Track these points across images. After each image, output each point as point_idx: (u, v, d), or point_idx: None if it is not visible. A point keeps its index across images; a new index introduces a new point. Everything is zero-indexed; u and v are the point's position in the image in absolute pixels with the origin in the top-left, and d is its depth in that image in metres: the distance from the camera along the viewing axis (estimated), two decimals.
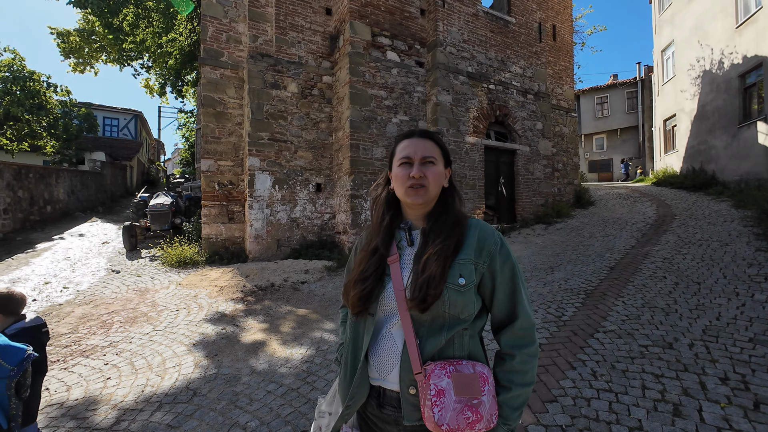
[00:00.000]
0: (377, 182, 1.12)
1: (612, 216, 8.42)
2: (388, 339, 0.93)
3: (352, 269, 1.07)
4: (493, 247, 0.94)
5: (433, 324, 0.90)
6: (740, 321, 3.19)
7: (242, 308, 4.61)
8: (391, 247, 1.00)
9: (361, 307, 0.94)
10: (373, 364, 0.94)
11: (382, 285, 0.95)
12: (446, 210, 1.00)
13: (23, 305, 1.74)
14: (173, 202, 8.70)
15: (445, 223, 0.96)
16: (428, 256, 0.89)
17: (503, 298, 0.94)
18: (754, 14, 8.72)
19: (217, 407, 2.55)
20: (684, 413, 2.18)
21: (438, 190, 0.99)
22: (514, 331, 0.93)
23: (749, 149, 8.94)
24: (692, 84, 11.33)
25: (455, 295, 0.88)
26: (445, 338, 0.88)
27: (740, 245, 5.15)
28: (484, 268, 0.93)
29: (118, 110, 21.63)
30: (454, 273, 0.89)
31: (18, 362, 1.36)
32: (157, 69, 16.40)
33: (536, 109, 9.09)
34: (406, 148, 0.99)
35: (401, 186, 0.97)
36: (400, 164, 0.99)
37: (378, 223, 1.04)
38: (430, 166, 0.97)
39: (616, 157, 20.82)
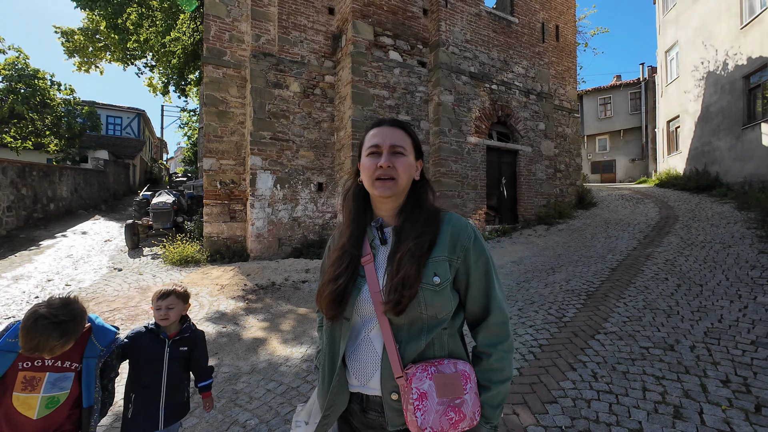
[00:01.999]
0: (347, 175, 1.08)
1: (614, 217, 8.38)
2: (366, 344, 0.89)
3: (325, 270, 1.01)
4: (467, 241, 0.91)
5: (412, 327, 0.86)
6: (742, 323, 3.17)
7: (243, 307, 4.62)
8: (364, 245, 0.95)
9: (335, 311, 0.90)
10: (353, 371, 0.90)
11: (357, 287, 0.90)
12: (418, 205, 0.95)
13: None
14: (175, 200, 8.74)
15: (418, 220, 0.92)
16: (401, 256, 0.86)
17: (477, 293, 0.91)
18: (759, 15, 8.67)
19: (217, 405, 2.55)
20: (685, 415, 2.17)
21: (408, 183, 0.94)
22: (488, 327, 0.91)
23: (753, 151, 8.88)
24: (696, 85, 11.26)
25: (431, 295, 0.85)
26: (425, 341, 0.85)
27: (743, 247, 5.12)
28: (459, 263, 0.89)
29: (122, 109, 21.73)
30: (428, 272, 0.86)
31: (107, 344, 1.41)
32: (160, 68, 16.47)
33: (539, 110, 9.06)
34: (375, 136, 0.94)
35: (369, 177, 0.92)
36: (368, 154, 0.93)
37: (348, 220, 0.99)
38: (400, 157, 0.91)
39: (619, 158, 20.74)
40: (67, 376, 1.30)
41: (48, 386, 1.27)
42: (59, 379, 1.29)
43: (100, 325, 1.42)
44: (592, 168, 21.29)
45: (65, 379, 1.30)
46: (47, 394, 1.27)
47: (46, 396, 1.27)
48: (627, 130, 20.26)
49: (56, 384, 1.28)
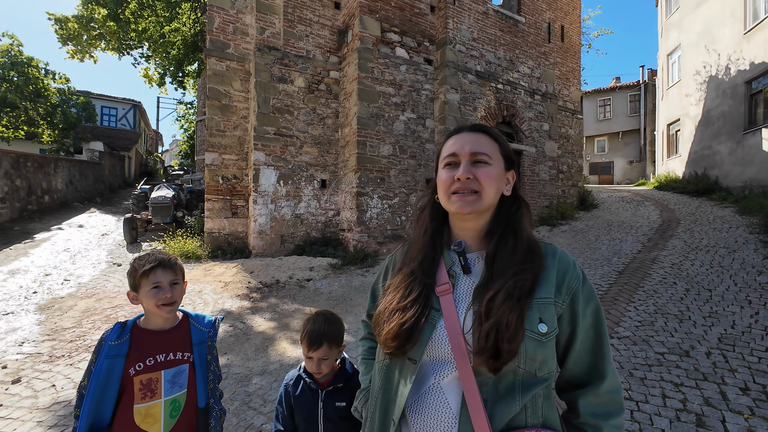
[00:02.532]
0: (424, 191, 0.96)
1: (616, 219, 8.42)
2: (436, 395, 0.72)
3: (383, 293, 0.87)
4: (575, 283, 0.75)
5: (501, 383, 0.69)
6: (755, 330, 3.18)
7: (248, 305, 4.55)
8: (440, 272, 0.80)
9: (398, 346, 0.75)
10: (416, 427, 0.73)
11: (430, 322, 0.75)
12: (513, 230, 0.79)
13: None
14: (175, 194, 8.61)
15: (516, 249, 0.75)
16: (495, 294, 0.70)
17: (583, 349, 0.75)
18: (763, 20, 8.71)
19: (230, 408, 2.50)
20: (708, 424, 2.16)
21: (495, 199, 0.79)
22: (598, 394, 0.74)
23: (754, 156, 8.96)
24: (698, 89, 11.32)
25: (534, 346, 0.69)
26: (519, 404, 0.68)
27: (748, 252, 5.15)
28: (563, 308, 0.74)
29: (117, 100, 21.36)
30: (532, 317, 0.70)
31: (210, 324, 1.28)
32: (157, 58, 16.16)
33: (543, 110, 9.05)
34: (452, 145, 0.80)
35: (445, 191, 0.79)
36: (444, 165, 0.81)
37: (421, 240, 0.85)
38: (483, 167, 0.77)
39: (617, 159, 20.88)
40: (182, 370, 1.17)
41: (167, 386, 1.14)
42: (176, 375, 1.16)
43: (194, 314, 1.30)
44: (591, 169, 21.41)
45: (181, 373, 1.17)
46: (168, 397, 1.14)
47: (168, 400, 1.13)
48: (626, 132, 20.39)
49: (174, 382, 1.15)
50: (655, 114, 16.76)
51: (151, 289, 1.14)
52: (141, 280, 1.14)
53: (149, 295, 1.14)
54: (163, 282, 1.15)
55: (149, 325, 1.19)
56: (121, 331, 1.13)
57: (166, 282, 1.16)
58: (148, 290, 1.14)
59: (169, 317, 1.20)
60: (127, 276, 1.19)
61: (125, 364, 1.09)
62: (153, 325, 1.19)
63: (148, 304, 1.15)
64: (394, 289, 0.82)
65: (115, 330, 1.13)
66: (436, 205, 0.87)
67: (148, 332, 1.17)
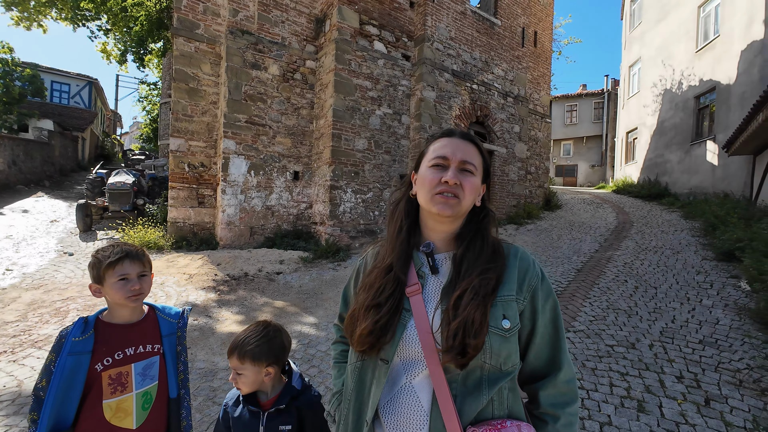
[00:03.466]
0: (398, 185, 0.93)
1: (577, 220, 8.91)
2: (408, 394, 0.75)
3: (355, 294, 0.87)
4: (535, 280, 0.80)
5: (469, 379, 0.73)
6: (691, 324, 3.51)
7: (215, 298, 4.42)
8: (409, 272, 0.81)
9: (371, 344, 0.76)
10: (389, 426, 0.75)
11: (401, 323, 0.77)
12: (480, 235, 0.83)
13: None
14: (135, 180, 8.12)
15: (482, 251, 0.80)
16: (462, 293, 0.73)
17: (543, 342, 0.80)
18: (712, 41, 9.46)
19: (194, 404, 2.43)
20: (647, 409, 2.37)
21: (470, 206, 0.82)
22: (556, 384, 0.78)
23: (699, 165, 9.78)
24: (654, 100, 12.15)
25: (499, 341, 0.72)
26: (486, 398, 0.72)
27: (689, 254, 5.65)
28: (524, 305, 0.78)
29: (71, 75, 19.68)
30: (496, 313, 0.74)
31: (178, 314, 1.26)
32: (116, 33, 15.01)
33: (515, 113, 9.35)
34: (444, 147, 0.82)
35: (428, 191, 0.80)
36: (432, 165, 0.81)
37: (394, 237, 0.86)
38: (468, 176, 0.80)
39: (581, 163, 22.02)
40: (153, 362, 1.15)
41: (138, 379, 1.12)
42: (146, 367, 1.14)
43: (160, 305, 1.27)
44: (557, 171, 22.44)
45: (152, 365, 1.15)
46: (140, 389, 1.12)
47: (140, 392, 1.11)
48: (589, 137, 21.52)
49: (145, 374, 1.13)
50: (616, 121, 17.81)
51: (118, 281, 1.09)
52: (106, 271, 1.09)
53: (116, 288, 1.09)
54: (131, 274, 1.11)
55: (114, 319, 1.14)
56: (84, 326, 1.08)
57: (134, 274, 1.12)
58: (114, 282, 1.09)
59: (136, 310, 1.17)
60: (90, 268, 1.13)
61: (91, 360, 1.05)
62: (119, 318, 1.14)
63: (115, 296, 1.10)
64: (368, 288, 0.83)
65: (77, 326, 1.07)
66: (410, 201, 0.89)
67: (114, 326, 1.13)
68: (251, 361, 1.13)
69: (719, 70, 9.10)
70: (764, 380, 2.60)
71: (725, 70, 8.85)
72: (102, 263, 1.10)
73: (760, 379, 2.61)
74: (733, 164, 8.41)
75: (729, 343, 3.13)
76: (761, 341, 3.10)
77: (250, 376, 1.14)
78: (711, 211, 7.12)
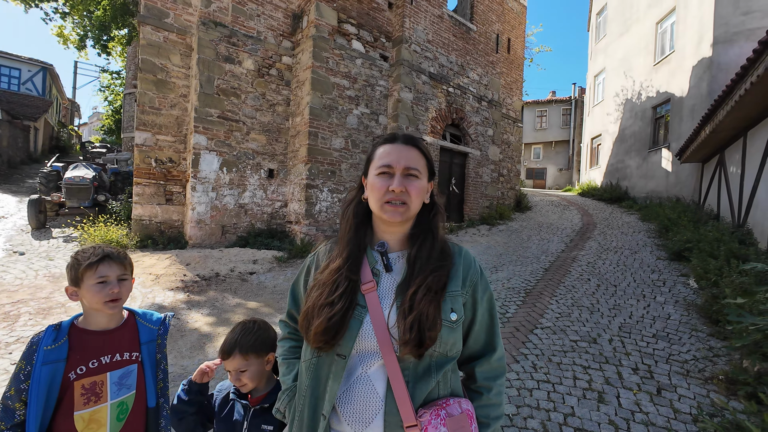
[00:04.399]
0: (351, 189, 0.98)
1: (546, 221, 9.31)
2: (363, 383, 0.79)
3: (308, 290, 0.90)
4: (475, 276, 0.89)
5: (420, 365, 0.79)
6: (646, 319, 3.77)
7: (183, 299, 4.25)
8: (363, 270, 0.86)
9: (327, 341, 0.79)
10: (344, 415, 0.78)
11: (356, 318, 0.81)
12: (431, 234, 0.89)
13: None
14: (96, 175, 7.65)
15: (433, 250, 0.86)
16: (416, 289, 0.79)
17: (481, 330, 0.90)
18: (668, 56, 10.18)
19: None
20: (606, 400, 2.53)
21: (418, 208, 0.88)
22: (490, 362, 0.89)
23: (655, 171, 10.49)
24: (616, 109, 12.90)
25: (447, 332, 0.80)
26: (435, 381, 0.79)
27: (645, 254, 6.06)
28: (467, 298, 0.87)
29: (22, 59, 18.18)
30: (445, 307, 0.82)
31: (159, 321, 1.20)
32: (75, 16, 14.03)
33: (489, 116, 9.63)
34: (388, 155, 0.86)
35: (378, 199, 0.84)
36: (378, 173, 0.85)
37: (347, 237, 0.90)
38: (413, 180, 0.85)
39: (550, 166, 23.00)
40: (130, 370, 1.10)
41: (114, 389, 1.06)
42: (123, 376, 1.08)
43: (141, 311, 1.21)
44: (527, 174, 23.31)
45: (129, 374, 1.09)
46: (115, 399, 1.06)
47: (114, 403, 1.06)
48: (558, 142, 22.51)
49: (122, 383, 1.07)
50: (582, 128, 18.73)
51: (96, 283, 1.04)
52: (85, 273, 1.04)
53: (93, 291, 1.04)
54: (110, 276, 1.06)
55: (90, 325, 1.08)
56: (56, 334, 1.02)
57: (114, 276, 1.07)
58: (92, 285, 1.04)
59: (114, 315, 1.11)
60: (68, 269, 1.07)
61: (65, 369, 1.00)
62: (95, 324, 1.08)
63: (92, 300, 1.05)
64: (321, 286, 0.86)
65: (48, 334, 1.01)
66: (361, 203, 0.93)
67: (89, 333, 1.07)
68: (255, 354, 1.16)
69: (673, 83, 9.80)
70: (708, 370, 2.85)
71: (679, 84, 9.55)
72: (81, 264, 1.05)
73: (705, 369, 2.86)
74: (684, 171, 9.09)
75: (678, 336, 3.40)
76: (706, 334, 3.39)
77: (255, 370, 1.16)
78: (664, 214, 7.66)
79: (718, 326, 3.44)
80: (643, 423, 2.29)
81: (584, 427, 2.26)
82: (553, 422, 2.31)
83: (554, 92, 24.56)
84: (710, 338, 3.33)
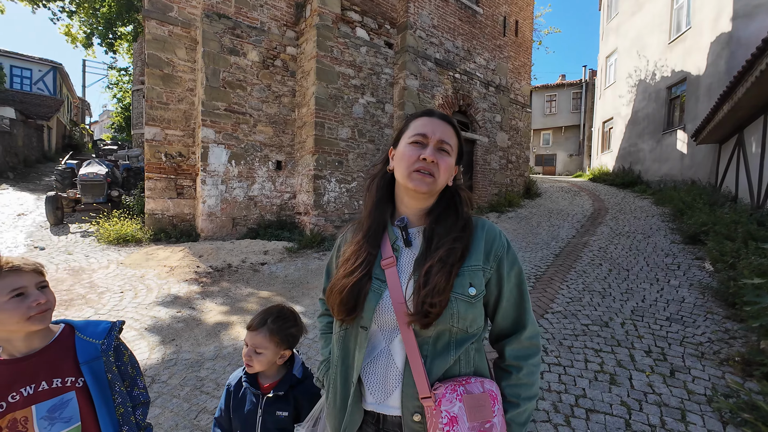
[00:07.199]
0: (376, 161, 0.98)
1: (556, 207, 9.19)
2: (385, 357, 0.83)
3: (336, 269, 0.92)
4: (501, 250, 0.86)
5: (439, 341, 0.80)
6: (660, 303, 3.73)
7: (198, 290, 4.35)
8: (384, 246, 0.87)
9: (347, 312, 0.83)
10: (368, 386, 0.83)
11: (375, 292, 0.83)
12: (451, 210, 0.89)
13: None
14: (109, 171, 7.79)
15: (451, 224, 0.86)
16: (432, 264, 0.80)
17: (509, 306, 0.87)
18: (684, 33, 9.79)
19: (181, 393, 2.42)
20: (618, 381, 2.53)
21: (443, 185, 0.87)
22: (520, 341, 0.86)
23: (669, 154, 10.22)
24: (629, 91, 12.53)
25: (465, 307, 0.79)
26: (453, 358, 0.79)
27: (659, 238, 5.95)
28: (491, 273, 0.84)
29: (33, 60, 18.46)
30: (463, 282, 0.80)
31: (104, 332, 1.01)
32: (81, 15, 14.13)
33: (496, 102, 9.46)
34: (424, 126, 0.86)
35: (406, 167, 0.83)
36: (411, 142, 0.85)
37: (370, 212, 0.92)
38: (445, 156, 0.85)
39: (560, 152, 22.58)
40: (65, 400, 0.90)
41: (43, 425, 0.87)
42: (55, 408, 0.89)
43: (82, 322, 1.03)
44: (536, 160, 22.94)
45: (64, 405, 0.90)
46: None
47: None
48: (568, 127, 22.03)
49: (54, 417, 0.89)
50: (593, 111, 18.28)
51: (11, 299, 0.84)
52: None
53: (9, 308, 0.84)
54: (28, 286, 0.87)
55: (5, 352, 0.89)
56: None
57: (32, 285, 0.88)
58: (4, 302, 0.84)
59: (36, 335, 0.91)
60: None
61: None
62: (13, 349, 0.89)
63: (9, 321, 0.85)
64: (344, 262, 0.89)
65: None
66: (386, 176, 0.94)
67: (8, 362, 0.88)
68: (277, 344, 1.17)
69: (690, 62, 9.45)
70: (723, 351, 2.81)
71: (695, 62, 9.21)
72: None
73: (720, 351, 2.83)
74: (700, 153, 8.83)
75: (693, 319, 3.36)
76: (721, 317, 3.34)
77: (269, 357, 1.17)
78: (679, 197, 7.48)
79: (735, 309, 3.38)
80: (656, 404, 2.28)
81: (596, 408, 2.27)
82: (565, 404, 2.32)
83: (564, 76, 23.95)
84: (726, 320, 3.27)
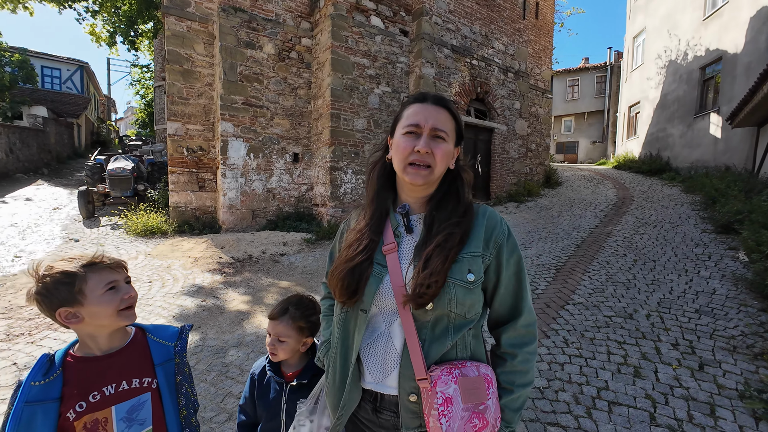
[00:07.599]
0: (376, 149, 0.97)
1: (578, 196, 8.92)
2: (385, 339, 0.84)
3: (339, 253, 0.93)
4: (501, 237, 0.86)
5: (437, 326, 0.81)
6: (688, 294, 3.58)
7: (221, 280, 4.50)
8: (386, 232, 0.88)
9: (349, 295, 0.84)
10: (368, 366, 0.85)
11: (376, 276, 0.84)
12: (454, 196, 0.89)
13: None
14: (135, 166, 8.10)
15: (451, 210, 0.86)
16: (431, 250, 0.80)
17: (506, 293, 0.87)
18: (720, 8, 9.15)
19: (208, 378, 2.53)
20: (643, 374, 2.46)
21: (443, 173, 0.87)
22: (516, 328, 0.86)
23: (701, 139, 9.68)
24: (658, 73, 11.88)
25: (463, 293, 0.79)
26: (450, 342, 0.81)
27: (689, 227, 5.69)
28: (490, 259, 0.85)
29: (61, 59, 19.21)
30: (462, 268, 0.80)
31: (175, 335, 1.02)
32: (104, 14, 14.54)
33: (515, 89, 9.18)
34: (416, 114, 0.84)
35: (401, 160, 0.84)
36: (405, 132, 0.84)
37: (373, 199, 0.93)
38: (440, 143, 0.83)
39: (582, 139, 21.77)
40: (142, 401, 0.90)
41: (122, 426, 0.87)
42: (133, 409, 0.89)
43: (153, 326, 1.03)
44: (557, 148, 22.23)
45: (141, 406, 0.90)
46: None
47: None
48: (591, 112, 21.17)
49: (132, 418, 0.88)
50: (618, 96, 17.48)
51: (106, 292, 0.85)
52: (86, 284, 0.83)
53: (104, 301, 0.84)
54: (119, 280, 0.89)
55: (89, 349, 0.88)
56: (49, 365, 0.83)
57: (122, 279, 0.90)
58: (100, 295, 0.84)
59: (117, 333, 0.92)
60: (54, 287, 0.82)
61: (60, 408, 0.81)
62: (95, 347, 0.88)
63: (102, 313, 0.85)
64: (347, 247, 0.90)
65: (40, 365, 0.83)
66: (386, 165, 0.94)
67: (88, 360, 0.87)
68: (299, 331, 1.20)
69: (726, 39, 8.85)
70: (758, 345, 2.69)
71: (732, 39, 8.61)
72: (77, 275, 0.83)
73: (754, 345, 2.70)
74: (735, 137, 8.32)
75: (725, 311, 3.21)
76: (756, 309, 3.18)
77: (292, 345, 1.20)
78: (711, 184, 7.10)
79: None
80: (683, 398, 2.22)
81: (619, 400, 2.22)
82: (586, 395, 2.28)
83: (587, 59, 22.93)
84: (761, 313, 3.12)
